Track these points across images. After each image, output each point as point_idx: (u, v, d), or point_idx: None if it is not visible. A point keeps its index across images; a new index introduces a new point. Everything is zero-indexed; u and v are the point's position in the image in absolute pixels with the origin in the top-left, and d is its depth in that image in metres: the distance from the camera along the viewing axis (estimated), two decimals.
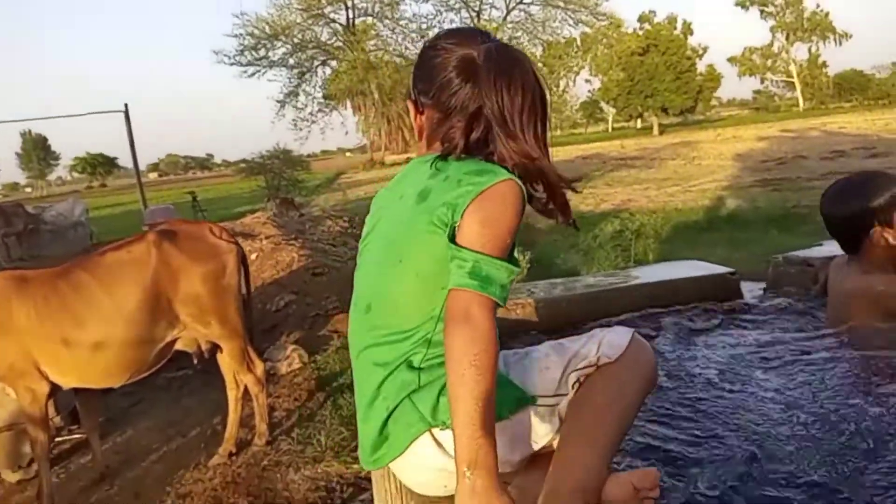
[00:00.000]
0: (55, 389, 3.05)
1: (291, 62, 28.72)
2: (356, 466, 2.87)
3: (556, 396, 1.22)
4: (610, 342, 1.23)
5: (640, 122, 49.32)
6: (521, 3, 27.96)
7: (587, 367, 1.21)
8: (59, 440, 3.70)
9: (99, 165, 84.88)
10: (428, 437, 1.17)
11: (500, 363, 1.13)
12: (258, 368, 3.38)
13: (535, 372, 1.24)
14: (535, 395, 1.22)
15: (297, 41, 28.15)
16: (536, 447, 1.23)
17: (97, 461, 3.36)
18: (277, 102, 29.28)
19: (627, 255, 6.45)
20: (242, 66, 27.67)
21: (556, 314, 2.66)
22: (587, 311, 2.66)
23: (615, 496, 1.15)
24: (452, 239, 1.13)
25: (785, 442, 1.70)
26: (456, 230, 1.14)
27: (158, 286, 3.05)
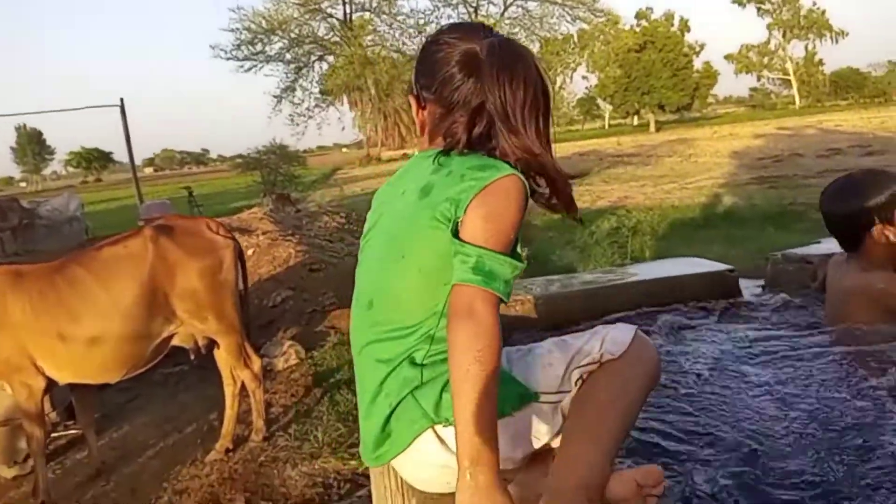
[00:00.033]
0: (51, 385, 3.04)
1: (288, 57, 28.70)
2: (353, 462, 2.87)
3: (559, 393, 1.21)
4: (613, 339, 1.22)
5: (636, 119, 49.31)
6: None
7: (590, 363, 1.20)
8: (55, 436, 3.68)
9: (94, 160, 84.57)
10: (431, 433, 1.16)
11: (503, 359, 1.12)
12: (255, 364, 3.37)
13: (538, 368, 1.23)
14: (538, 391, 1.21)
15: (293, 36, 28.12)
16: (539, 444, 1.22)
17: (93, 457, 3.34)
18: (274, 98, 29.25)
19: (624, 251, 6.46)
20: (239, 60, 27.66)
21: (555, 311, 2.66)
22: (586, 308, 2.66)
23: (619, 493, 1.15)
24: (455, 234, 1.13)
25: (780, 438, 1.70)
26: (459, 225, 1.13)
27: (155, 281, 3.04)
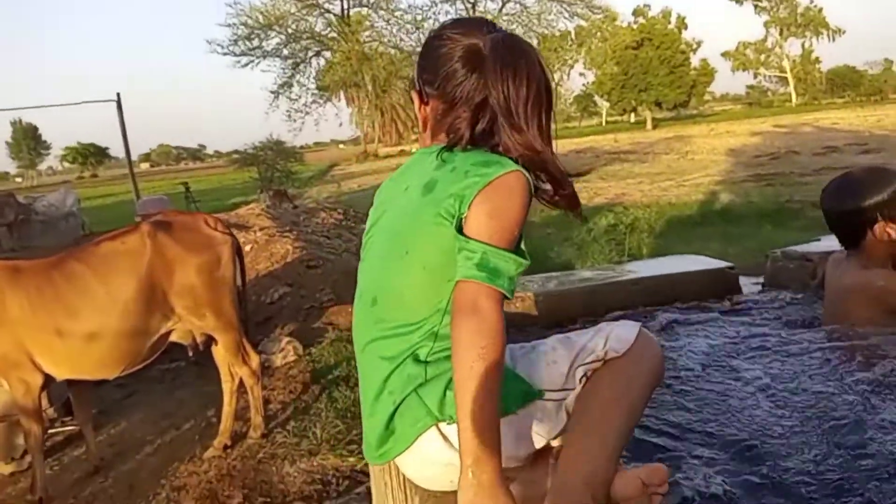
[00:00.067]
0: (49, 381, 3.02)
1: (285, 52, 28.53)
2: (352, 459, 2.86)
3: (563, 391, 1.21)
4: (617, 336, 1.21)
5: (633, 116, 49.31)
6: None
7: (595, 361, 1.20)
8: (52, 432, 3.67)
9: (90, 155, 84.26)
10: (435, 431, 1.16)
11: (506, 357, 1.12)
12: (253, 361, 3.36)
13: (541, 366, 1.23)
14: (542, 389, 1.21)
15: (290, 31, 27.97)
16: (543, 442, 1.21)
17: (91, 453, 3.33)
18: (271, 93, 29.14)
19: (621, 249, 6.45)
20: (236, 56, 27.49)
21: (556, 308, 2.66)
22: (586, 305, 2.66)
23: (624, 491, 1.14)
24: (460, 230, 1.12)
25: (776, 438, 1.70)
26: (463, 222, 1.13)
27: (153, 277, 3.02)
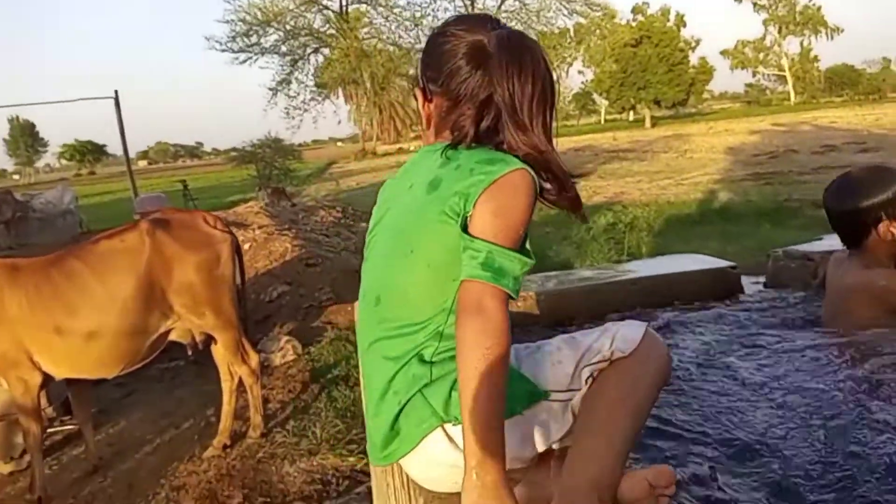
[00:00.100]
0: (47, 380, 3.01)
1: (284, 49, 28.55)
2: (352, 459, 2.86)
3: (568, 391, 1.19)
4: (623, 336, 1.20)
5: (632, 114, 49.30)
6: None
7: (600, 361, 1.18)
8: (51, 431, 3.66)
9: (88, 153, 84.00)
10: (440, 432, 1.14)
11: (511, 357, 1.11)
12: (253, 360, 3.35)
13: (547, 366, 1.21)
14: (547, 389, 1.19)
15: (289, 28, 27.97)
16: (549, 443, 1.20)
17: (90, 452, 3.32)
18: (269, 90, 29.11)
19: (620, 247, 6.43)
20: (234, 52, 27.48)
21: (556, 307, 2.65)
22: (586, 305, 2.65)
23: (630, 493, 1.13)
24: (464, 229, 1.11)
25: (776, 438, 1.70)
26: (468, 220, 1.11)
27: (152, 275, 3.01)
